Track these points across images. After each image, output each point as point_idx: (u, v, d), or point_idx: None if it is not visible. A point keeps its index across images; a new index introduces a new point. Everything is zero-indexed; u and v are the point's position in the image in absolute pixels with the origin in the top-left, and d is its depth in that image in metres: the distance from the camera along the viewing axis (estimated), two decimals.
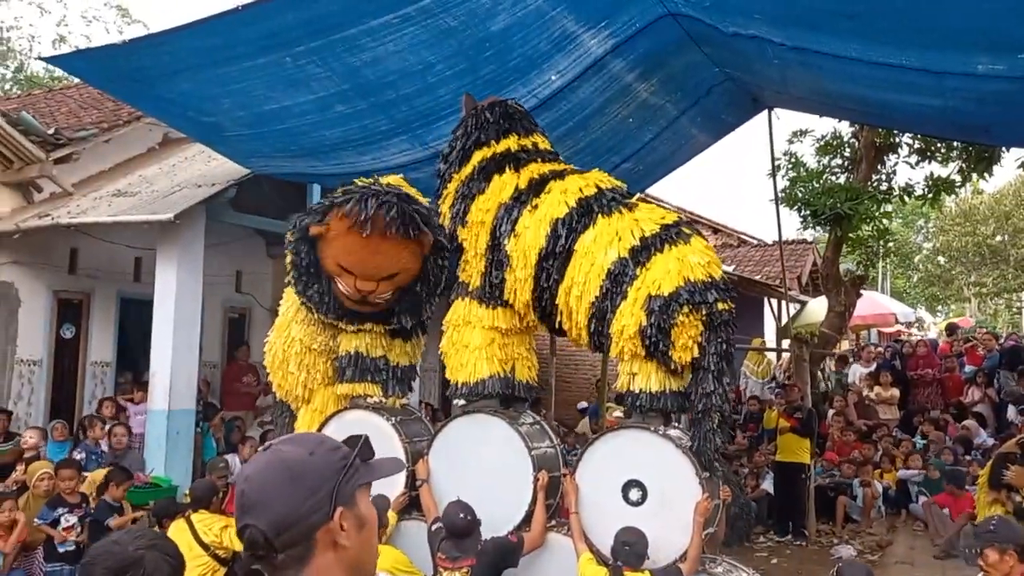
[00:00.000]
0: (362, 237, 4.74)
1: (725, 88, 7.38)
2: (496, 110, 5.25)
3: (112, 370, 9.75)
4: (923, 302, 33.64)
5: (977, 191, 28.10)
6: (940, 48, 4.73)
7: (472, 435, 5.16)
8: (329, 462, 1.44)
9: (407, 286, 5.18)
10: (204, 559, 5.19)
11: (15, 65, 27.17)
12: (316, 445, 1.46)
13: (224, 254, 9.99)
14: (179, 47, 5.34)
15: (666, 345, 4.50)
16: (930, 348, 13.35)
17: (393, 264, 4.98)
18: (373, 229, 4.70)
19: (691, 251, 4.60)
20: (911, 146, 11.04)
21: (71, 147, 9.11)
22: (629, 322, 4.54)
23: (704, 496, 4.44)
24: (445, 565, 4.58)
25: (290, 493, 1.39)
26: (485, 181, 5.10)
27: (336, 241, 4.87)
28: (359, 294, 4.97)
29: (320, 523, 1.40)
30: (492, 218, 5.03)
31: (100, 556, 1.90)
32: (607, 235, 4.72)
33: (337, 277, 5.00)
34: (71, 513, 6.32)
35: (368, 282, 4.94)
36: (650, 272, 4.53)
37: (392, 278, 5.02)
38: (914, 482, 9.75)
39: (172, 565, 1.91)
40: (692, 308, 4.44)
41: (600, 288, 4.66)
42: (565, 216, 4.82)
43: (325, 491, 1.40)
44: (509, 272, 4.97)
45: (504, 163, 5.12)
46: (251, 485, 1.43)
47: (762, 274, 16.11)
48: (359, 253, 4.85)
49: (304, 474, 1.41)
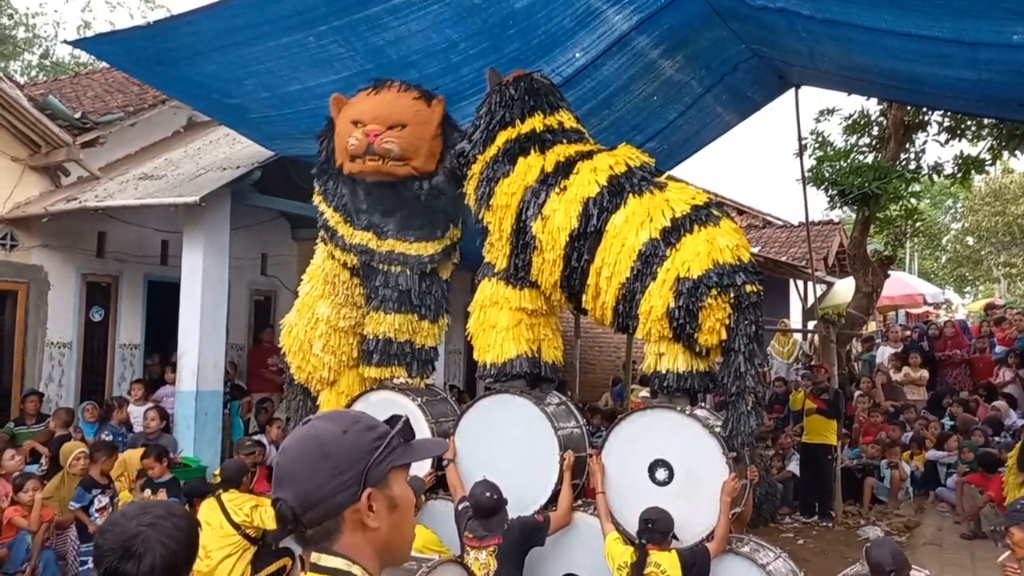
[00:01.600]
0: (376, 96, 5.23)
1: (751, 65, 7.28)
2: (521, 85, 5.17)
3: (140, 352, 9.85)
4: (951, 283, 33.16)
5: (1008, 170, 27.61)
6: (975, 17, 4.62)
7: (498, 415, 5.17)
8: (362, 442, 1.41)
9: (421, 161, 5.29)
10: (235, 538, 5.24)
11: (41, 51, 27.40)
12: (351, 423, 1.44)
13: (249, 237, 10.06)
14: (204, 28, 5.34)
15: (693, 327, 4.48)
16: (959, 328, 13.17)
17: (400, 113, 5.19)
18: (388, 88, 5.23)
19: (720, 233, 4.57)
20: (940, 124, 10.87)
21: (97, 131, 9.15)
22: (657, 303, 4.52)
23: (731, 476, 4.42)
24: (472, 544, 4.60)
25: (317, 470, 1.38)
26: (510, 163, 5.05)
27: (353, 106, 5.27)
28: (367, 138, 5.10)
29: (347, 503, 1.38)
30: (518, 201, 4.99)
31: (108, 528, 1.91)
32: (639, 215, 4.68)
33: (349, 137, 5.16)
34: (104, 494, 6.43)
35: (376, 126, 5.13)
36: (680, 253, 4.50)
37: (399, 128, 5.16)
38: (943, 463, 9.65)
39: (167, 547, 1.86)
40: (720, 291, 4.42)
41: (631, 269, 4.63)
42: (597, 196, 4.77)
43: (354, 472, 1.38)
44: (537, 254, 4.94)
45: (529, 145, 5.06)
46: (284, 458, 1.43)
47: (788, 255, 15.94)
48: (371, 102, 5.24)
49: (333, 453, 1.39)
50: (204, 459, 7.78)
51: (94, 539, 1.98)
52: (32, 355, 8.81)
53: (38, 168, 8.99)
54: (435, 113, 5.32)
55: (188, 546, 1.94)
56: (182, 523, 1.95)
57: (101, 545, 1.87)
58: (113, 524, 1.92)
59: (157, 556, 1.85)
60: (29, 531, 6.01)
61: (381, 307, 5.54)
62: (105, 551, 1.86)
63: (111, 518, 2.00)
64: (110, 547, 1.85)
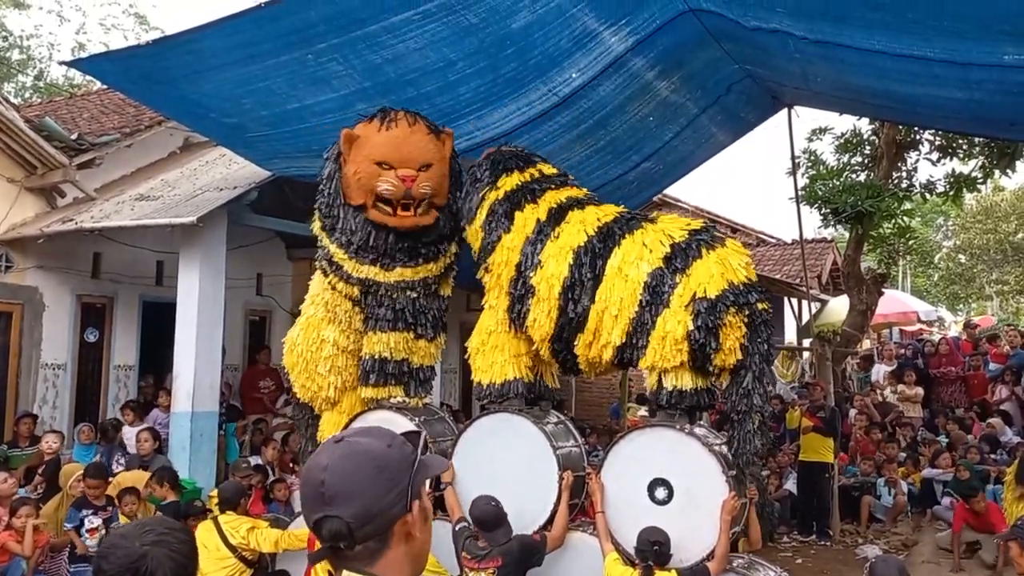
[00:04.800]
0: (389, 132, 5.13)
1: (745, 85, 7.35)
2: (484, 163, 5.34)
3: (135, 373, 9.80)
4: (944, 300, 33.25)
5: (999, 188, 27.79)
6: (967, 38, 4.67)
7: (496, 434, 5.15)
8: (404, 455, 1.46)
9: (440, 198, 5.35)
10: (231, 560, 5.21)
11: (35, 73, 27.44)
12: (391, 438, 1.48)
13: (245, 257, 10.04)
14: (202, 47, 5.36)
15: (712, 348, 4.46)
16: (952, 346, 13.20)
17: (424, 153, 5.20)
18: (398, 123, 5.16)
19: (729, 253, 4.61)
20: (932, 143, 10.96)
21: (93, 152, 9.15)
22: (676, 328, 4.50)
23: (731, 494, 4.40)
24: (471, 565, 4.57)
25: (376, 484, 1.40)
26: (507, 219, 5.12)
27: (367, 143, 5.17)
28: (404, 184, 5.09)
29: (400, 515, 1.42)
30: (519, 254, 5.06)
31: (108, 551, 1.87)
32: (635, 250, 4.72)
33: (378, 180, 5.12)
34: (96, 515, 6.37)
35: (408, 169, 5.12)
36: (692, 278, 4.52)
37: (428, 169, 5.19)
38: (939, 481, 9.64)
39: (176, 561, 1.85)
40: (737, 309, 4.45)
41: (639, 303, 4.63)
42: (585, 244, 4.84)
43: (404, 484, 1.42)
44: (534, 302, 4.96)
45: (520, 198, 5.14)
46: (334, 476, 1.42)
47: (782, 273, 16.00)
48: (392, 143, 5.15)
49: (387, 466, 1.42)
50: (199, 481, 7.72)
51: (93, 563, 1.94)
52: (26, 377, 8.75)
53: (34, 189, 8.98)
54: (447, 148, 5.40)
55: (194, 560, 1.93)
56: (185, 537, 1.94)
57: (105, 569, 1.83)
58: (114, 547, 1.87)
59: (168, 572, 1.83)
60: (23, 556, 5.96)
61: (377, 326, 5.53)
62: (111, 575, 1.82)
63: (110, 540, 1.95)
64: (116, 570, 1.82)
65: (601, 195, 6.41)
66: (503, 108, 6.12)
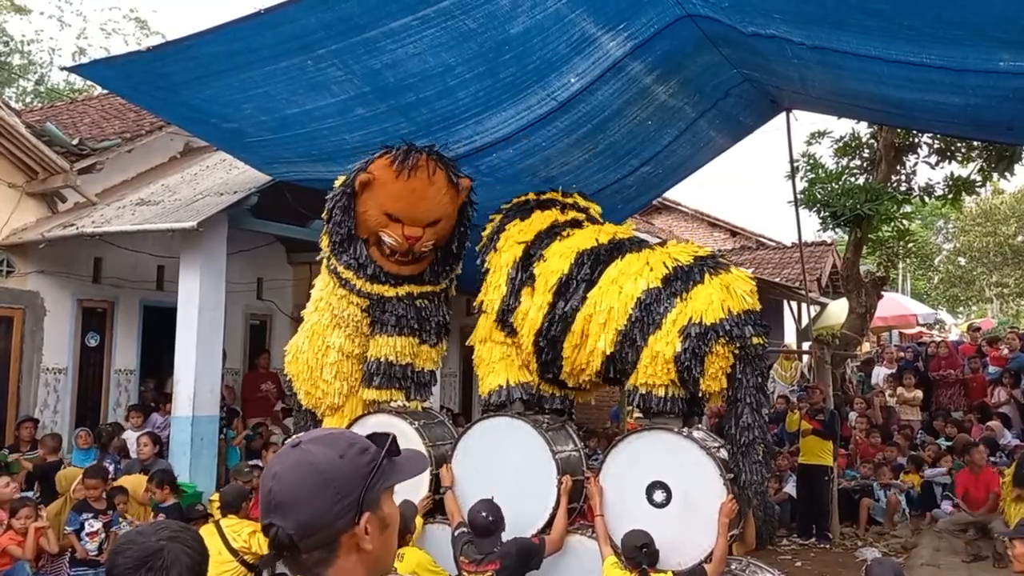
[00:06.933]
0: (407, 182, 5.03)
1: (743, 90, 7.36)
2: None
3: (136, 377, 9.81)
4: (944, 303, 33.27)
5: (998, 191, 27.83)
6: (962, 45, 4.70)
7: (496, 438, 5.18)
8: (358, 466, 1.41)
9: (443, 242, 5.42)
10: (232, 564, 5.21)
11: (36, 78, 27.50)
12: (346, 448, 1.43)
13: (246, 261, 10.07)
14: (202, 52, 5.38)
15: (698, 372, 4.53)
16: (952, 349, 13.22)
17: (437, 209, 5.20)
18: (417, 173, 5.02)
19: (732, 280, 4.67)
20: (931, 146, 10.98)
21: (94, 157, 9.18)
22: (665, 349, 4.57)
23: (729, 497, 4.43)
24: (469, 569, 4.59)
25: (318, 498, 1.37)
26: (526, 213, 5.32)
27: (382, 189, 5.11)
28: (407, 242, 5.12)
29: (345, 528, 1.38)
30: (527, 244, 5.15)
31: (124, 546, 1.91)
32: (636, 266, 4.79)
33: (383, 230, 5.14)
34: (96, 519, 6.39)
35: (415, 228, 5.13)
36: (690, 304, 4.57)
37: (435, 225, 5.22)
38: (939, 483, 9.65)
39: (192, 557, 1.89)
40: (728, 340, 4.49)
41: (629, 317, 4.68)
42: (592, 248, 4.95)
43: (352, 497, 1.38)
44: (527, 296, 5.00)
45: (551, 205, 5.45)
46: (280, 485, 1.40)
47: (782, 276, 16.00)
48: (407, 198, 5.10)
49: (334, 479, 1.38)
50: (200, 485, 7.74)
51: (109, 559, 1.97)
52: (27, 381, 8.77)
53: (35, 194, 9.00)
54: (462, 198, 5.46)
55: (206, 558, 1.96)
56: (197, 536, 1.98)
57: (120, 564, 1.86)
58: (130, 543, 1.91)
59: (184, 567, 1.86)
60: (24, 559, 5.97)
61: (383, 330, 5.58)
62: (125, 569, 1.85)
63: (126, 536, 1.99)
64: (130, 565, 1.85)
65: (600, 199, 6.48)
66: (502, 113, 6.13)
